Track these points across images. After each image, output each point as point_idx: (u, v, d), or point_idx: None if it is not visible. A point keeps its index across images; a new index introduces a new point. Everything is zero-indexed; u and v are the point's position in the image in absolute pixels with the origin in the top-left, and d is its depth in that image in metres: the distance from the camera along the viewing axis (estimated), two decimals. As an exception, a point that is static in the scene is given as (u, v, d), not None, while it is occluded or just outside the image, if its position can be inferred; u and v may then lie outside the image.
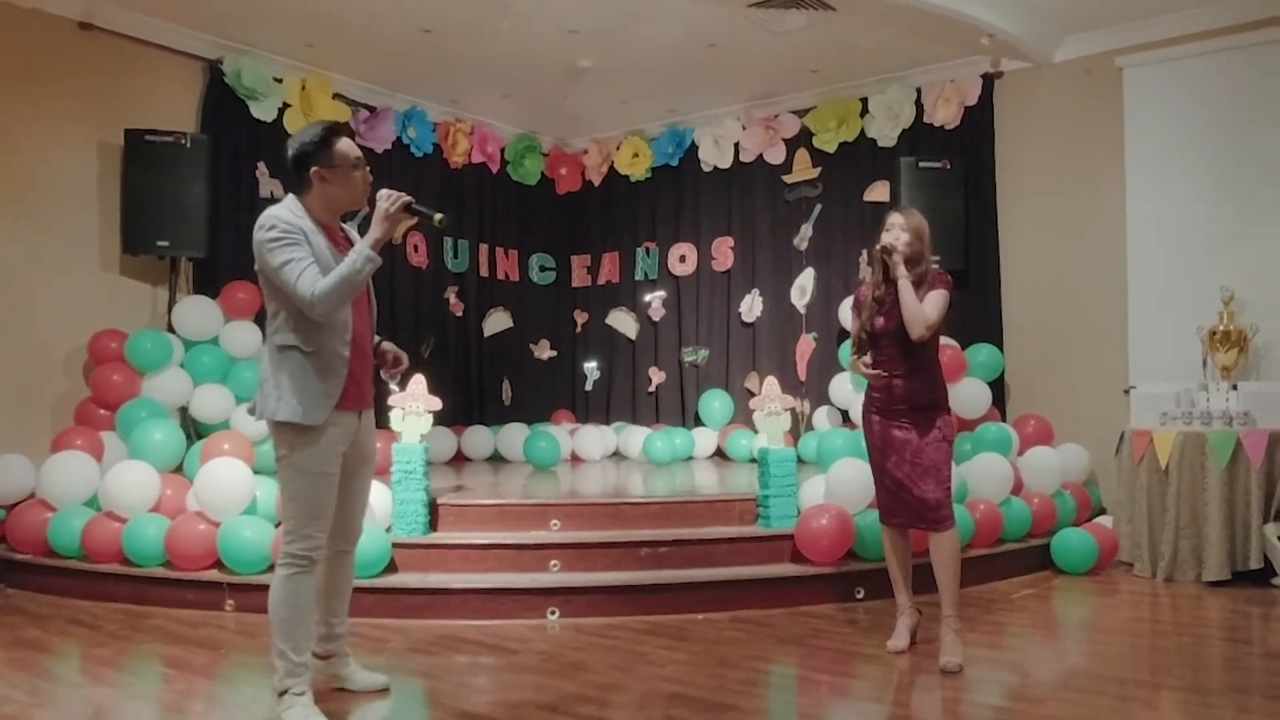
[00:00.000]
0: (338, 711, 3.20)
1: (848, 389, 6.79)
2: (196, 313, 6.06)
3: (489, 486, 5.98)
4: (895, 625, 3.95)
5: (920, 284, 3.76)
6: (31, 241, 5.80)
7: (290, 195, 3.13)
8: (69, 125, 5.98)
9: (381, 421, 3.99)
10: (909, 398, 3.79)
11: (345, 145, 3.12)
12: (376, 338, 3.33)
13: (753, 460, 6.61)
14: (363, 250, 2.97)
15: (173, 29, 6.35)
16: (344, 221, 3.28)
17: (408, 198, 3.05)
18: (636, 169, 8.71)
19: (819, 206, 7.76)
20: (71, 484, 4.99)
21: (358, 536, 3.41)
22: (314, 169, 3.08)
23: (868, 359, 3.88)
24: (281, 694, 3.09)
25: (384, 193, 3.04)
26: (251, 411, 3.16)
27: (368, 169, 3.20)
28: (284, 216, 3.03)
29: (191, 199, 6.06)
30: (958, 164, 6.81)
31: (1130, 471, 5.51)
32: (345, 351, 3.08)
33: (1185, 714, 3.19)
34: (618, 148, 8.82)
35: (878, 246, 3.85)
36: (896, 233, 3.81)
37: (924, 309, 3.70)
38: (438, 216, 3.11)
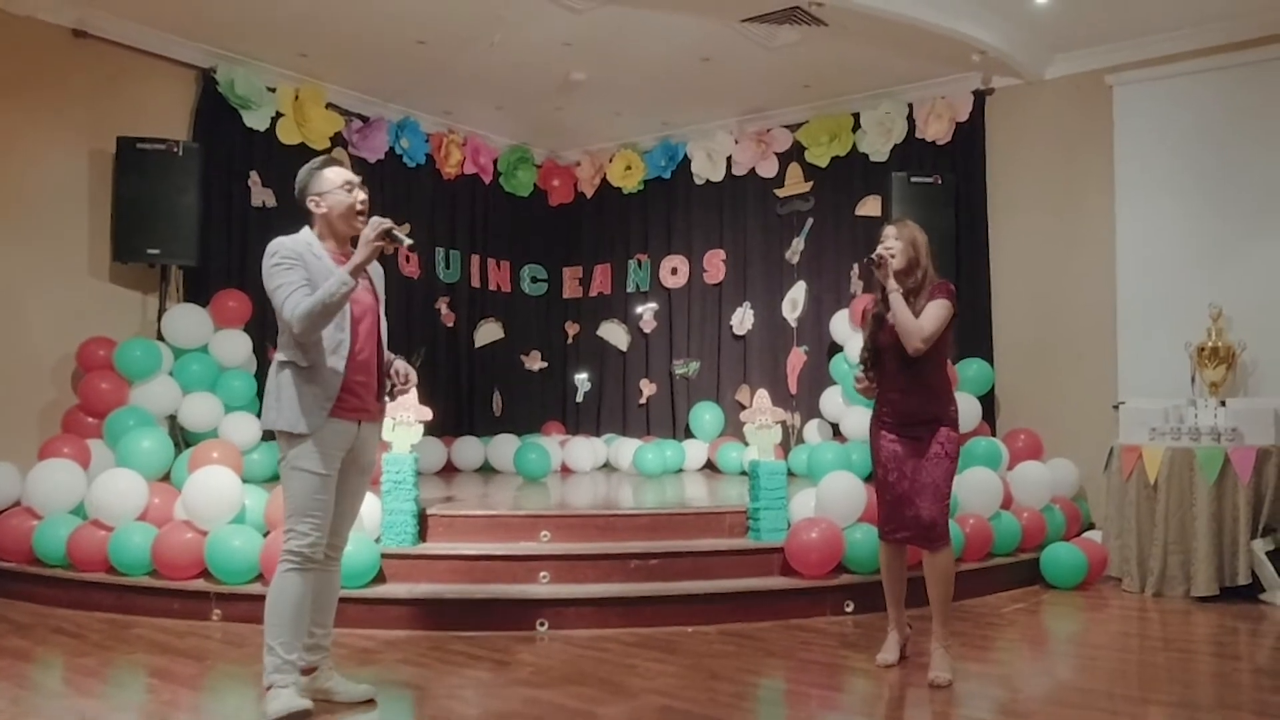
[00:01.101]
0: (324, 723, 3.19)
1: (838, 402, 6.81)
2: (186, 321, 6.05)
3: (479, 497, 5.95)
4: (885, 639, 3.94)
5: (918, 293, 3.73)
6: (21, 248, 5.79)
7: (305, 226, 3.34)
8: (61, 132, 5.98)
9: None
10: (910, 413, 3.76)
11: (332, 172, 3.34)
12: (390, 355, 3.47)
13: (743, 473, 6.60)
14: (339, 275, 3.14)
15: (166, 37, 6.36)
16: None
17: (387, 224, 3.20)
18: (629, 181, 8.73)
19: (810, 220, 7.79)
20: (57, 492, 4.95)
21: (343, 545, 3.46)
22: (308, 197, 3.31)
23: (859, 372, 3.88)
24: (267, 689, 3.17)
25: (373, 220, 3.20)
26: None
27: (360, 192, 3.34)
28: (287, 244, 3.25)
29: (183, 207, 6.06)
30: (949, 179, 6.85)
31: (1119, 487, 5.53)
32: (340, 366, 3.23)
33: (1174, 729, 3.20)
34: (610, 160, 8.85)
35: (867, 258, 3.85)
36: (890, 244, 3.78)
37: (920, 321, 3.66)
38: (408, 242, 3.34)
